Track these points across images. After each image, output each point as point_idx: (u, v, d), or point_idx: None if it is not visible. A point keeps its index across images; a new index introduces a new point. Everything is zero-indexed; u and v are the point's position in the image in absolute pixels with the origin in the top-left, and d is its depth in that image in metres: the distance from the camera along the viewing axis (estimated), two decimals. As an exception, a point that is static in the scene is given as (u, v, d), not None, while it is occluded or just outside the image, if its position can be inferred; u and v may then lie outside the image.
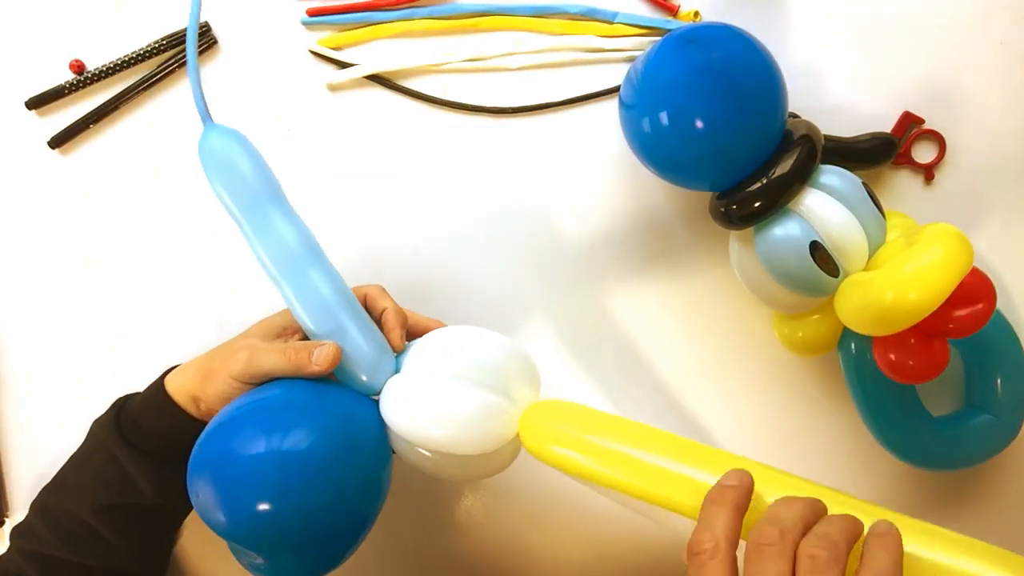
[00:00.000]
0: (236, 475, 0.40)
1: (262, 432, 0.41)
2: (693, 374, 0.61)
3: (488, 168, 0.61)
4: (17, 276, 0.60)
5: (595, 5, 0.60)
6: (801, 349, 0.56)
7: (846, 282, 0.51)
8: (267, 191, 0.46)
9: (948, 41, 0.60)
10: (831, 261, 0.51)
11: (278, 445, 0.41)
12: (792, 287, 0.52)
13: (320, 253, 0.47)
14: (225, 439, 0.42)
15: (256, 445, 0.41)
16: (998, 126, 0.60)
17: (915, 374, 0.51)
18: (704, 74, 0.49)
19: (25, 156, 0.59)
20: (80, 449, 0.51)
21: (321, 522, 0.41)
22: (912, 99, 0.60)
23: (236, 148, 0.46)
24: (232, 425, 0.42)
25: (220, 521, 0.40)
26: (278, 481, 0.40)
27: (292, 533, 0.40)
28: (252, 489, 0.40)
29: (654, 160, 0.53)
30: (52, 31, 0.59)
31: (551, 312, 0.61)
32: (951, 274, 0.47)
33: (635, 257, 0.61)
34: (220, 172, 0.45)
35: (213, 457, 0.42)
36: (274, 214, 0.46)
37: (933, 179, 0.60)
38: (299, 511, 0.40)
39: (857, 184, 0.52)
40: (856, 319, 0.51)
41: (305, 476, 0.40)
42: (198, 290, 0.60)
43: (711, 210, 0.54)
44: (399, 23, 0.60)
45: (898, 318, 0.48)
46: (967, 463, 0.58)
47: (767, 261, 0.52)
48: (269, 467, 0.40)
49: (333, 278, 0.47)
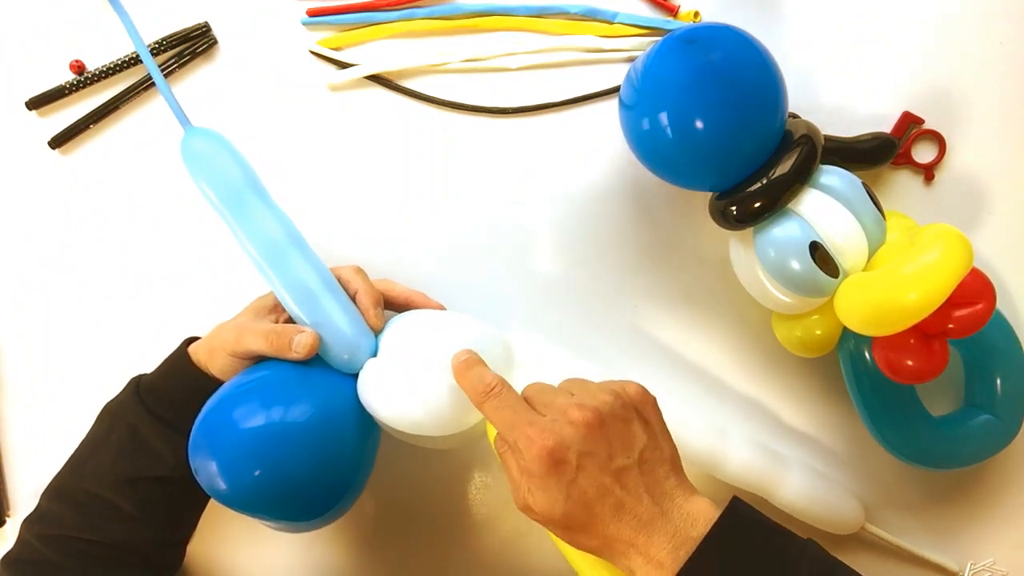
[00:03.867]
0: (231, 448, 0.45)
1: (251, 410, 0.46)
2: (692, 373, 0.61)
3: (488, 168, 0.61)
4: (17, 276, 0.60)
5: (595, 5, 0.60)
6: (800, 349, 0.56)
7: (846, 282, 0.51)
8: (247, 184, 0.49)
9: (948, 41, 0.60)
10: (831, 261, 0.51)
11: (266, 420, 0.45)
12: (791, 288, 0.52)
13: (301, 240, 0.50)
14: (219, 418, 0.46)
15: (246, 421, 0.45)
16: (998, 126, 0.60)
17: (914, 374, 0.51)
18: (704, 74, 0.49)
19: (25, 156, 0.59)
20: (94, 432, 0.51)
21: (308, 484, 0.46)
22: (912, 99, 0.60)
23: (215, 147, 0.49)
24: (224, 406, 0.46)
25: (222, 489, 0.44)
26: (268, 451, 0.45)
27: (282, 495, 0.45)
28: (246, 459, 0.44)
29: (654, 161, 0.53)
30: (52, 31, 0.59)
31: (549, 310, 0.61)
32: (951, 274, 0.47)
33: (635, 256, 0.61)
34: (202, 170, 0.49)
35: (209, 434, 0.46)
36: (255, 205, 0.49)
37: (933, 179, 0.60)
38: (286, 475, 0.45)
39: (857, 184, 0.52)
40: (856, 319, 0.50)
41: (289, 447, 0.45)
42: (198, 289, 0.60)
43: (711, 210, 0.54)
44: (399, 23, 0.60)
45: (898, 318, 0.48)
46: (967, 462, 0.58)
47: (767, 261, 0.52)
48: (258, 439, 0.45)
49: (314, 263, 0.50)
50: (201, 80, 0.60)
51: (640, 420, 0.42)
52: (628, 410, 0.42)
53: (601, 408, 0.40)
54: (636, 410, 0.42)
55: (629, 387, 0.43)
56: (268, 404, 0.46)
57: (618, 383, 0.43)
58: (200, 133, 0.49)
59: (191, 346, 0.52)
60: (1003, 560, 0.60)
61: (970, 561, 0.60)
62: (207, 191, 0.48)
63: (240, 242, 0.49)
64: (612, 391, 0.42)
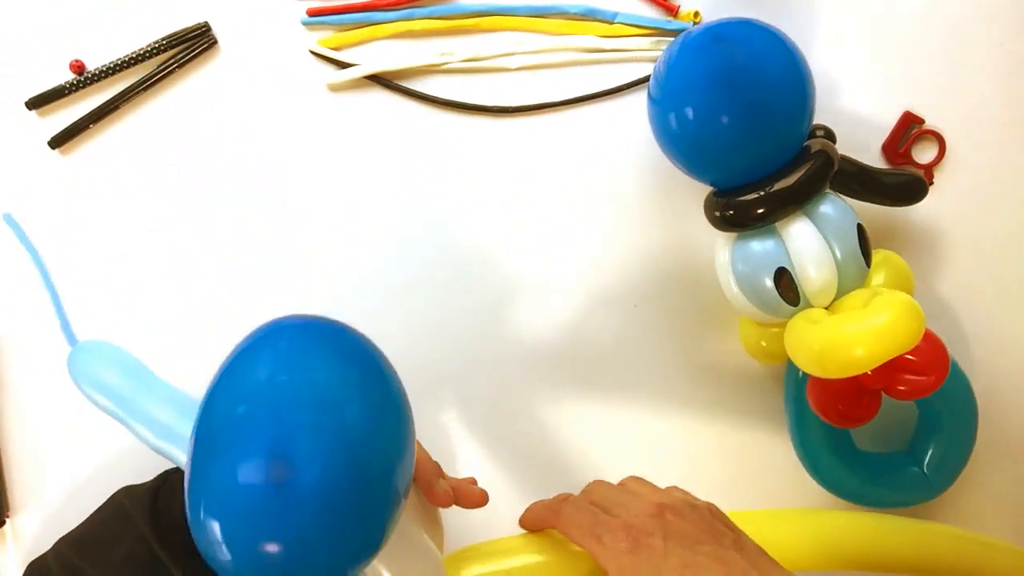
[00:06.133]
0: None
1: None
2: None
3: (488, 168, 0.61)
4: (17, 276, 0.60)
5: (595, 5, 0.60)
6: (761, 356, 0.57)
7: (800, 315, 0.51)
8: (139, 386, 0.47)
9: (948, 41, 0.60)
10: (795, 290, 0.51)
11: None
12: (753, 300, 0.52)
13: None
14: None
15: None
16: (998, 126, 0.60)
17: (840, 418, 0.52)
18: (730, 72, 0.48)
19: (25, 156, 0.59)
20: (105, 515, 0.49)
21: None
22: (912, 99, 0.60)
23: (99, 360, 0.49)
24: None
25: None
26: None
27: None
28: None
29: (668, 144, 0.53)
30: (52, 31, 0.59)
31: (548, 308, 0.61)
32: (892, 343, 0.47)
33: (634, 255, 0.61)
34: (90, 382, 0.48)
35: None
36: (149, 404, 0.47)
37: (933, 180, 0.60)
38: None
39: (852, 223, 0.51)
40: (797, 356, 0.51)
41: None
42: (199, 289, 0.60)
43: (706, 205, 0.54)
44: (399, 23, 0.60)
45: (831, 368, 0.48)
46: (886, 505, 0.57)
47: (737, 270, 0.52)
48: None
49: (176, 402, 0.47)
50: (201, 80, 0.60)
51: (721, 522, 0.42)
52: (705, 513, 0.42)
53: (676, 500, 0.41)
54: (711, 512, 0.42)
55: (699, 500, 0.43)
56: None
57: (683, 493, 0.43)
58: (84, 349, 0.49)
59: None
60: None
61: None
62: (98, 399, 0.48)
63: (147, 441, 0.46)
64: (679, 497, 0.42)
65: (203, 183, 0.60)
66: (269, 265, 0.60)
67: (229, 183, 0.60)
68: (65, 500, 0.58)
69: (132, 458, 0.54)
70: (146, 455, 0.52)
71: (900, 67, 0.60)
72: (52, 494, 0.59)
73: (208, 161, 0.60)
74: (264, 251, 0.60)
